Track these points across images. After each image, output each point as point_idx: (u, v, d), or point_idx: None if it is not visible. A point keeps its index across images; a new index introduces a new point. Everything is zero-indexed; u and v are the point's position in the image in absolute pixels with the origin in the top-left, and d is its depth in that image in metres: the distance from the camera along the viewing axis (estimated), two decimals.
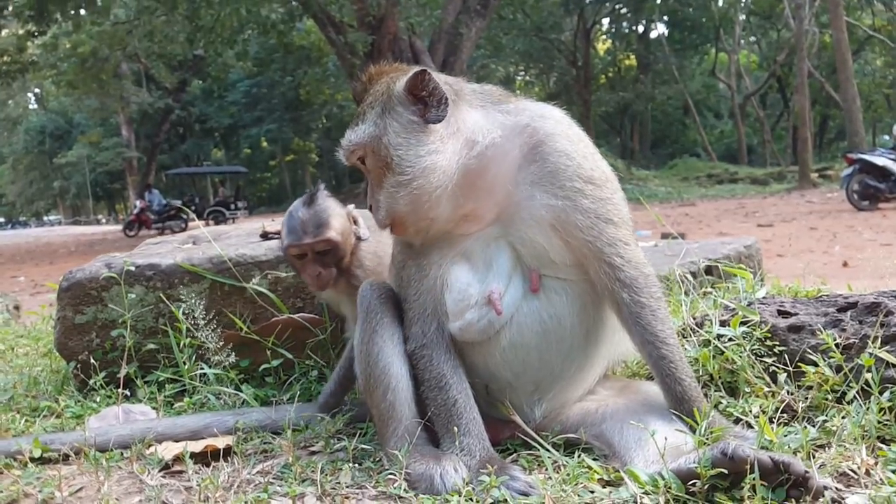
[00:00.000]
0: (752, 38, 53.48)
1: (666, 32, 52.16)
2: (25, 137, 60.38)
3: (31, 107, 65.60)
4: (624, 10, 51.44)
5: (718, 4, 47.73)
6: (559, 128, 2.40)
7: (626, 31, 54.74)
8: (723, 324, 2.67)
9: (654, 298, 2.34)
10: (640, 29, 53.67)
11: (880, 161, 17.94)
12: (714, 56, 52.02)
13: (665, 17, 51.49)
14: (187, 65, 40.59)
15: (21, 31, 29.57)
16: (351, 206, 2.97)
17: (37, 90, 60.14)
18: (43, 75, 33.27)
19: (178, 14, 25.93)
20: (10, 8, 27.19)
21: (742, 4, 46.84)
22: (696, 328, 2.76)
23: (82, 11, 28.17)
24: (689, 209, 24.65)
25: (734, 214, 21.22)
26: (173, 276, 3.33)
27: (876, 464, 1.98)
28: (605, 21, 52.87)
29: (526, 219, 2.33)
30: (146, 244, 3.88)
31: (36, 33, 28.49)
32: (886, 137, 30.79)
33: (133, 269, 3.31)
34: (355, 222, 2.93)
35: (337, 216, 2.83)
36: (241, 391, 3.08)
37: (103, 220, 68.85)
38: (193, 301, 3.11)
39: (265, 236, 3.53)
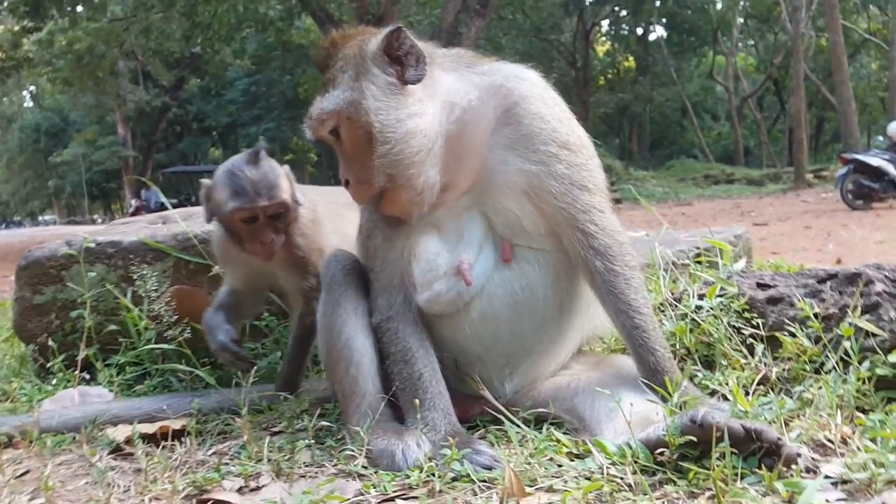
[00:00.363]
0: (750, 41, 53.40)
1: (664, 35, 52.06)
2: (20, 136, 59.96)
3: (26, 104, 65.28)
4: (623, 13, 51.40)
5: (717, 7, 47.69)
6: (534, 90, 2.30)
7: (626, 33, 54.66)
8: (701, 297, 2.59)
9: (628, 267, 2.25)
10: (640, 31, 53.60)
11: (874, 161, 17.85)
12: (712, 58, 51.88)
13: (664, 20, 51.39)
14: (185, 62, 40.38)
15: (16, 28, 29.36)
16: (286, 167, 2.75)
17: (32, 88, 59.86)
18: (38, 72, 32.90)
19: (176, 11, 25.79)
20: (6, 4, 27.02)
21: (740, 7, 46.77)
22: (675, 303, 2.67)
23: (79, 8, 27.96)
24: (685, 208, 24.57)
25: (730, 213, 21.15)
26: (136, 253, 3.20)
27: (853, 433, 1.89)
28: (605, 23, 52.77)
29: (499, 185, 2.24)
30: (114, 224, 3.78)
31: (31, 30, 28.29)
32: (881, 138, 30.78)
33: (93, 246, 3.18)
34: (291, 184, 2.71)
35: (283, 177, 2.64)
36: (201, 372, 2.96)
37: (99, 220, 68.46)
38: (146, 273, 2.98)
39: None
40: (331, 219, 2.85)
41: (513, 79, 2.31)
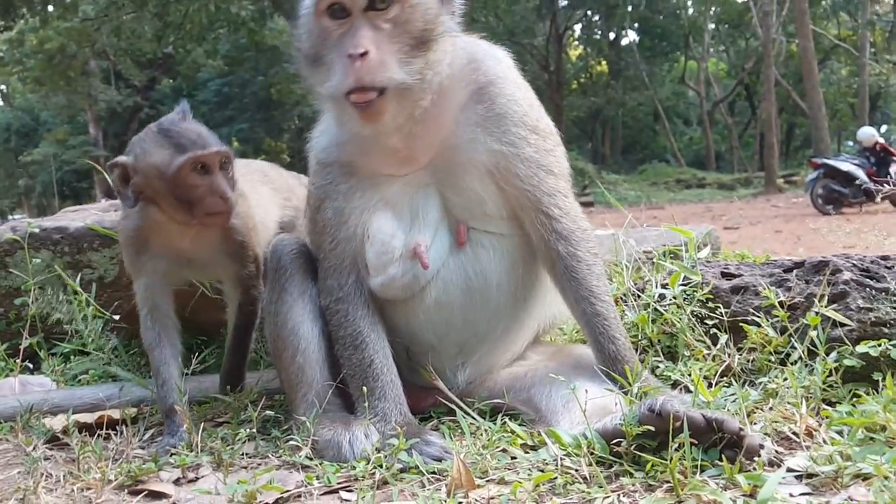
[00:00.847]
0: (721, 47, 53.95)
1: (637, 39, 52.42)
2: None
3: None
4: (596, 17, 51.71)
5: (688, 13, 48.16)
6: (510, 73, 2.27)
7: (598, 37, 54.95)
8: (664, 287, 2.51)
9: (590, 253, 2.20)
10: (612, 36, 53.88)
11: (844, 166, 18.04)
12: (683, 63, 52.30)
13: (636, 25, 51.76)
14: (157, 63, 39.93)
15: None
16: None
17: (2, 87, 58.83)
18: (9, 72, 32.40)
19: (147, 11, 25.45)
20: None
21: (711, 13, 47.28)
22: (638, 293, 2.59)
23: (49, 7, 27.52)
24: (657, 212, 24.55)
25: (701, 217, 21.23)
26: (83, 240, 3.10)
27: (820, 425, 1.81)
28: (577, 27, 53.03)
29: (464, 163, 2.16)
30: (64, 211, 3.63)
31: (1, 29, 27.80)
32: (851, 144, 31.20)
33: (38, 231, 3.06)
34: None
35: None
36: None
37: None
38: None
39: None
40: (248, 193, 2.70)
41: (491, 58, 2.26)
